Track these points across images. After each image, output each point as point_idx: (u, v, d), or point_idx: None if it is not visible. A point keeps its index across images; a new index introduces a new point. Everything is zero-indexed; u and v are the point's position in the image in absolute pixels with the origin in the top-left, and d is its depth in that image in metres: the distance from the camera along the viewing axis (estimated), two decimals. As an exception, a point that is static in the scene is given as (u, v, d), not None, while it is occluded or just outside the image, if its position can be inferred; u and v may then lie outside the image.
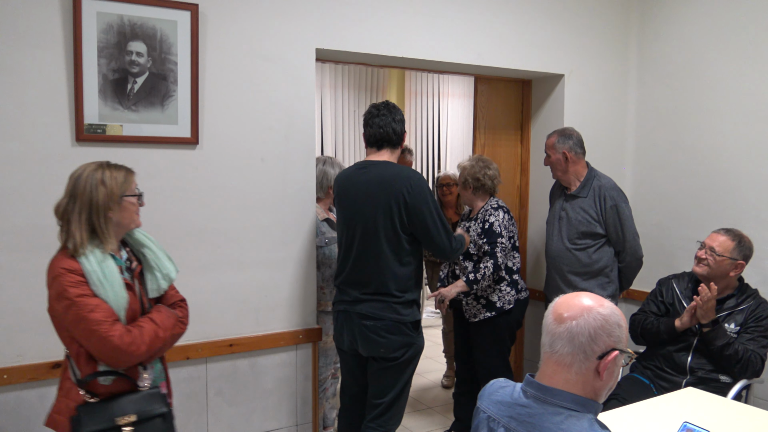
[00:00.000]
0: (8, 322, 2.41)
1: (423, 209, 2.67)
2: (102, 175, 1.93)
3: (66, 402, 1.93)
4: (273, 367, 2.97)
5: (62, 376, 1.99)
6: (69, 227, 1.90)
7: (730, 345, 2.73)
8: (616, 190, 3.22)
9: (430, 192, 2.72)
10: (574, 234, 3.23)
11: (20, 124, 2.39)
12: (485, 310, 3.34)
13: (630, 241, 3.21)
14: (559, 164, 3.26)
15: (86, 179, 1.92)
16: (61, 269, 1.87)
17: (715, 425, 2.18)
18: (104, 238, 1.93)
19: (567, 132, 3.28)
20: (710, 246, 2.89)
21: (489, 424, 1.58)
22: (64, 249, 1.92)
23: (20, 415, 2.45)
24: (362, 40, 3.07)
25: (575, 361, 1.46)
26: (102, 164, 1.98)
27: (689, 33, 3.68)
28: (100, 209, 1.91)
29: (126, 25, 2.53)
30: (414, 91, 7.85)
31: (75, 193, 1.92)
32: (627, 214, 3.19)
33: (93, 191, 1.91)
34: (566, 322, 1.47)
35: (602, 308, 1.48)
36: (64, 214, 1.92)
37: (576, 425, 1.43)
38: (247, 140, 2.83)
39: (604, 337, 1.46)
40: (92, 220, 1.91)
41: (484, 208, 3.40)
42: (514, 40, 3.54)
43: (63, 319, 1.90)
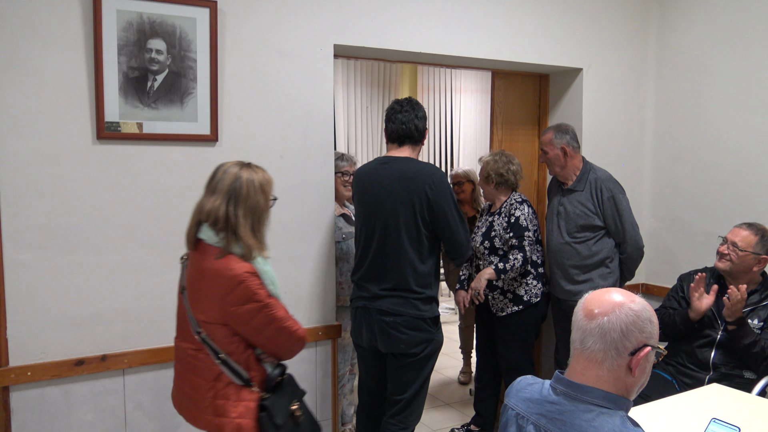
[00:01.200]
0: (32, 320, 2.42)
1: (445, 206, 2.67)
2: (259, 179, 1.99)
3: (244, 405, 1.93)
4: (292, 363, 2.93)
5: (215, 386, 1.94)
6: (237, 231, 1.91)
7: (757, 343, 2.70)
8: (612, 181, 3.23)
9: (450, 189, 2.73)
10: (573, 228, 3.24)
11: (41, 123, 2.40)
12: (512, 304, 3.33)
13: (629, 231, 3.21)
14: (558, 159, 3.26)
15: (247, 184, 1.95)
16: (246, 273, 1.88)
17: (741, 421, 2.16)
18: (262, 240, 1.97)
19: (563, 127, 3.29)
20: (732, 241, 2.86)
21: (518, 421, 1.57)
22: (230, 254, 1.91)
23: (43, 412, 2.47)
24: (380, 35, 3.06)
25: (607, 358, 1.44)
26: (250, 166, 2.02)
27: (709, 25, 3.63)
28: (263, 215, 1.97)
29: (146, 22, 2.53)
30: (427, 86, 7.83)
31: (237, 197, 1.93)
32: (624, 205, 3.20)
33: (257, 196, 1.96)
34: (597, 318, 1.46)
35: (633, 304, 1.47)
36: (227, 218, 1.91)
37: (608, 423, 1.41)
38: (266, 137, 2.83)
39: (636, 333, 1.45)
40: (254, 225, 1.95)
41: (509, 203, 3.39)
42: (532, 34, 3.52)
43: (248, 322, 1.91)
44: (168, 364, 2.64)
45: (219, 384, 1.94)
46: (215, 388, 1.94)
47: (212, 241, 1.95)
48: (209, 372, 1.95)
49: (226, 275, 1.89)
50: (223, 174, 1.98)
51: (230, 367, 1.94)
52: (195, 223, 2.01)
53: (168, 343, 2.64)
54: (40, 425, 2.46)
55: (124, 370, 2.59)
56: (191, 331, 1.99)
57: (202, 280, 1.94)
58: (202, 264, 1.95)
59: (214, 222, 1.93)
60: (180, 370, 2.09)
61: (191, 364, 2.00)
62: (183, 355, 2.05)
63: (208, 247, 1.96)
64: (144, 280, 2.60)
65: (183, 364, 2.05)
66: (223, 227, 1.92)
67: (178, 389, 2.11)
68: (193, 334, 1.98)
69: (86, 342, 2.51)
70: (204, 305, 1.95)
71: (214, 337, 1.95)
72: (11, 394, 2.41)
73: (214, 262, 1.91)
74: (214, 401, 1.93)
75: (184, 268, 2.09)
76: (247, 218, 1.93)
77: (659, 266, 3.94)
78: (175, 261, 2.62)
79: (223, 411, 1.92)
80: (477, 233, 3.48)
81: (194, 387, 1.98)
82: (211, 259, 1.92)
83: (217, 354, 1.94)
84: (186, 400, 2.03)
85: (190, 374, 2.00)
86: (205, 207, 1.96)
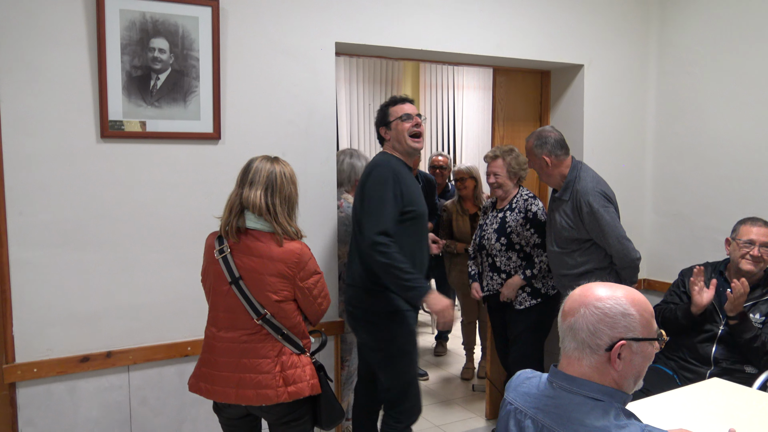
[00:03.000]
0: (37, 317, 2.45)
1: (368, 192, 2.64)
2: (289, 171, 2.23)
3: (309, 368, 2.22)
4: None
5: (280, 360, 2.17)
6: (277, 218, 2.15)
7: (758, 337, 2.71)
8: (593, 194, 2.93)
9: (384, 181, 2.63)
10: (559, 239, 3.11)
11: (46, 122, 2.43)
12: (530, 298, 3.33)
13: (615, 246, 2.92)
14: (542, 170, 3.09)
15: (280, 175, 2.18)
16: (308, 250, 2.20)
17: (741, 416, 2.17)
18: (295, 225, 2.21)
19: (544, 134, 3.05)
20: (762, 242, 2.82)
21: (516, 415, 1.58)
22: (287, 237, 2.16)
23: (49, 408, 2.49)
24: (381, 33, 3.07)
25: (584, 356, 1.47)
26: (278, 160, 2.24)
27: (710, 21, 3.64)
28: (294, 203, 2.22)
29: (148, 21, 2.55)
30: (429, 83, 7.83)
31: (273, 188, 2.16)
32: (606, 220, 2.90)
33: (290, 186, 2.20)
34: (567, 318, 1.49)
35: (600, 302, 1.45)
36: (268, 207, 2.14)
37: (602, 415, 1.43)
38: (268, 135, 2.85)
39: (606, 330, 1.44)
40: (289, 212, 2.20)
41: (522, 198, 3.40)
42: (534, 30, 3.53)
43: (312, 290, 2.22)
44: (172, 360, 2.67)
45: (284, 357, 2.17)
46: (282, 362, 2.16)
47: (266, 228, 2.15)
48: (271, 350, 2.16)
49: (296, 254, 2.15)
50: (257, 168, 2.19)
51: (291, 340, 2.19)
52: (237, 214, 2.16)
53: (172, 340, 2.67)
54: (46, 421, 2.49)
55: (129, 367, 2.62)
56: (245, 318, 2.15)
57: (270, 263, 2.13)
58: (268, 249, 2.13)
59: (259, 211, 2.13)
60: (223, 360, 2.18)
61: (244, 350, 2.16)
62: (228, 345, 2.18)
63: (262, 234, 2.15)
64: (148, 277, 2.62)
65: (228, 353, 2.17)
66: (267, 215, 2.14)
67: (218, 378, 2.18)
68: (252, 318, 2.14)
69: (91, 339, 2.54)
70: (277, 286, 2.14)
71: (282, 314, 2.17)
72: (18, 391, 2.43)
73: (285, 244, 2.14)
74: (285, 372, 2.16)
75: (227, 261, 2.16)
76: (283, 206, 2.16)
77: (661, 262, 3.95)
78: (179, 257, 2.66)
79: (298, 377, 2.17)
80: (487, 230, 3.45)
81: (250, 368, 2.15)
82: (273, 244, 2.14)
83: (280, 331, 2.16)
84: (233, 385, 2.16)
85: (242, 359, 2.15)
86: (249, 198, 2.14)
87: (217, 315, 2.22)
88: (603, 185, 3.02)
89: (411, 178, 2.77)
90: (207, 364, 2.23)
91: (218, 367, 2.19)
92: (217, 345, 2.20)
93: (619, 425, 1.41)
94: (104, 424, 2.58)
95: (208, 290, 2.28)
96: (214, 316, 2.24)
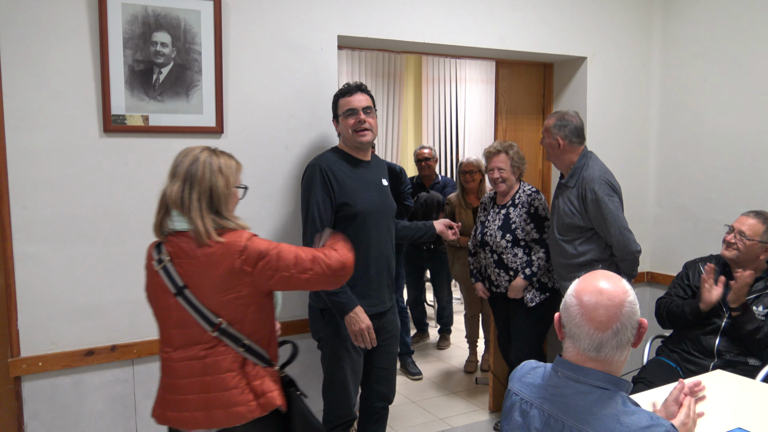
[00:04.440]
0: (42, 311, 2.46)
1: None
2: (220, 162, 1.91)
3: (274, 379, 1.96)
4: (300, 352, 2.99)
5: (245, 372, 1.91)
6: (190, 213, 1.85)
7: (760, 329, 2.71)
8: (599, 182, 2.95)
9: (307, 185, 2.62)
10: (561, 226, 3.10)
11: (48, 116, 2.43)
12: (540, 293, 3.33)
13: (616, 236, 2.94)
14: (552, 149, 3.10)
15: (203, 166, 1.87)
16: (249, 233, 1.91)
17: (744, 408, 2.18)
18: (227, 221, 1.90)
19: (566, 117, 3.07)
20: (740, 230, 2.85)
21: (522, 406, 1.59)
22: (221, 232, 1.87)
23: (55, 402, 2.50)
24: (384, 26, 3.06)
25: (624, 352, 1.50)
26: (215, 151, 1.94)
27: (714, 12, 3.62)
28: (222, 197, 1.89)
29: (150, 15, 2.54)
30: (431, 77, 7.82)
31: (192, 180, 1.86)
32: (610, 209, 2.92)
33: (214, 178, 1.87)
34: (610, 326, 1.46)
35: (626, 294, 1.49)
36: (183, 201, 1.86)
37: (609, 403, 1.44)
38: (271, 128, 2.85)
39: (636, 317, 1.50)
40: (212, 207, 1.88)
41: (525, 193, 3.40)
42: (536, 22, 3.51)
43: (278, 269, 1.90)
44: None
45: (248, 369, 1.92)
46: (246, 374, 1.92)
47: (189, 227, 1.87)
48: (233, 363, 1.90)
49: (237, 242, 1.86)
50: (183, 158, 1.91)
51: (253, 351, 1.94)
52: (161, 211, 1.92)
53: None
54: (51, 414, 2.50)
55: (134, 360, 2.63)
56: (199, 332, 1.89)
57: (213, 262, 1.85)
58: (204, 251, 1.85)
59: (175, 206, 1.87)
60: (184, 382, 1.91)
61: (204, 366, 1.90)
62: (187, 363, 1.92)
63: (188, 235, 1.87)
64: (152, 271, 2.63)
65: (188, 373, 1.91)
66: (181, 209, 1.87)
67: (183, 403, 1.92)
68: (207, 331, 1.88)
69: (96, 332, 2.55)
70: (228, 284, 1.87)
71: (240, 318, 1.90)
72: (23, 384, 2.45)
73: (224, 236, 1.86)
74: (251, 384, 1.91)
75: (167, 270, 1.89)
76: (201, 201, 1.86)
77: (664, 255, 3.94)
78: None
79: (267, 387, 1.93)
80: (490, 227, 3.44)
81: (215, 386, 1.89)
82: (206, 245, 1.85)
83: (241, 342, 1.91)
84: (201, 407, 1.90)
85: (205, 377, 1.90)
86: (166, 192, 1.89)
87: (168, 333, 1.94)
88: (609, 175, 3.04)
89: (355, 174, 2.67)
90: (169, 390, 1.95)
91: (181, 390, 1.91)
92: (175, 366, 1.92)
93: (627, 411, 1.43)
94: (109, 417, 2.60)
95: (154, 307, 1.99)
96: (165, 335, 1.95)
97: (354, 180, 2.65)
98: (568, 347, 1.53)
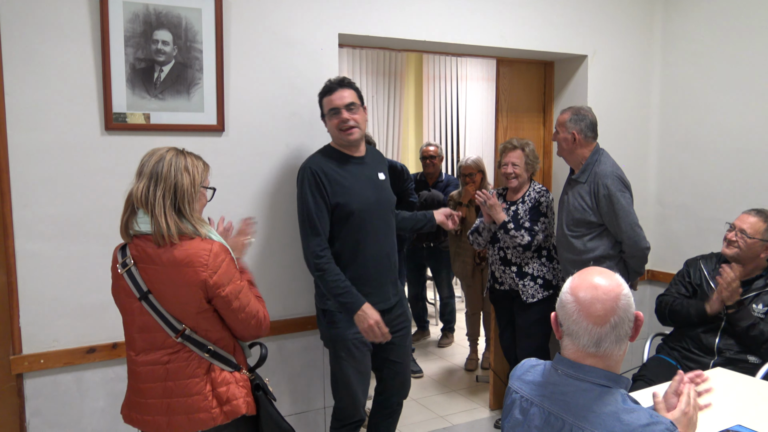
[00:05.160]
0: (44, 309, 2.47)
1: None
2: (186, 162, 1.89)
3: (243, 385, 1.96)
4: (301, 350, 3.01)
5: (210, 378, 1.91)
6: (154, 211, 1.83)
7: (756, 326, 2.71)
8: (611, 177, 2.98)
9: (300, 188, 2.62)
10: (570, 220, 3.11)
11: (50, 115, 2.43)
12: (543, 290, 3.33)
13: (627, 232, 2.97)
14: (566, 144, 3.10)
15: (169, 164, 1.85)
16: (223, 252, 1.89)
17: (744, 405, 2.18)
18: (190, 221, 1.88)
19: (582, 112, 3.10)
20: (740, 228, 2.85)
21: (522, 404, 1.60)
22: (184, 237, 1.86)
23: (56, 399, 2.51)
24: (384, 24, 3.06)
25: (623, 346, 1.51)
26: (182, 151, 1.93)
27: (715, 11, 3.62)
28: (186, 196, 1.86)
29: (151, 14, 2.55)
30: (432, 75, 7.81)
31: (157, 178, 1.84)
32: (622, 204, 2.96)
33: (178, 176, 1.86)
34: (608, 320, 1.47)
35: (621, 287, 1.50)
36: (147, 199, 1.84)
37: (609, 401, 1.45)
38: (272, 126, 2.85)
39: (633, 309, 1.51)
40: (176, 206, 1.85)
41: (535, 191, 3.40)
42: (537, 20, 3.51)
43: (231, 303, 1.91)
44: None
45: (213, 374, 1.91)
46: (211, 380, 1.91)
47: (152, 229, 1.85)
48: (197, 369, 1.89)
49: (204, 255, 1.84)
50: (149, 158, 1.89)
51: (219, 356, 1.92)
52: (127, 211, 1.90)
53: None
54: (53, 411, 2.51)
55: (135, 358, 2.63)
56: (162, 336, 1.88)
57: (176, 270, 1.83)
58: (170, 253, 1.83)
59: (139, 204, 1.86)
60: (147, 386, 1.91)
61: (167, 371, 1.89)
62: (150, 368, 1.90)
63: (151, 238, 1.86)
64: (153, 269, 2.63)
65: (151, 377, 1.90)
66: (146, 208, 1.85)
67: (145, 406, 1.92)
68: (170, 336, 1.87)
69: (97, 330, 2.55)
70: (192, 296, 1.85)
71: (205, 326, 1.90)
72: (25, 382, 2.46)
73: (192, 243, 1.84)
74: (216, 391, 1.90)
75: (131, 274, 1.88)
76: (166, 198, 1.83)
77: (665, 252, 3.95)
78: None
79: (232, 395, 1.92)
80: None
81: (177, 392, 1.88)
82: (175, 247, 1.83)
83: (205, 347, 1.89)
84: (163, 412, 1.90)
85: (167, 382, 1.89)
86: (133, 191, 1.87)
87: (131, 336, 1.93)
88: (621, 172, 3.07)
89: (347, 171, 2.65)
90: (134, 393, 1.95)
91: (143, 394, 1.91)
92: (138, 370, 1.91)
93: (627, 409, 1.44)
94: (110, 414, 2.60)
95: (120, 310, 1.98)
96: (129, 337, 1.95)
97: (347, 178, 2.63)
98: (567, 345, 1.54)
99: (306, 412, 3.06)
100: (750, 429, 1.97)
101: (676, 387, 1.79)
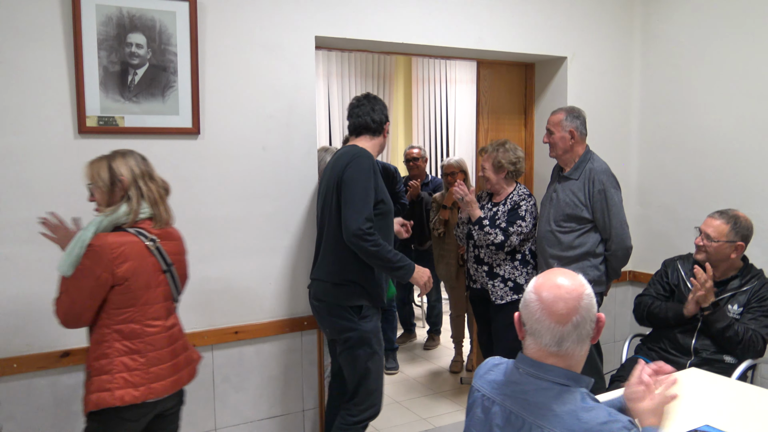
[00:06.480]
0: (16, 313, 2.46)
1: (351, 181, 2.61)
2: None
3: None
4: (279, 353, 3.01)
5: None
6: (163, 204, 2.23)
7: (731, 327, 2.72)
8: (606, 174, 3.10)
9: (367, 169, 2.64)
10: (560, 216, 3.15)
11: (23, 118, 2.43)
12: (512, 293, 3.33)
13: (617, 228, 3.07)
14: (564, 142, 3.14)
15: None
16: None
17: (715, 405, 2.19)
18: None
19: (575, 111, 3.18)
20: (705, 233, 2.86)
21: (483, 402, 1.60)
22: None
23: (30, 404, 2.50)
24: (362, 26, 3.07)
25: (585, 346, 1.51)
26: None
27: (694, 12, 3.63)
28: None
29: (125, 17, 2.55)
30: (421, 78, 7.82)
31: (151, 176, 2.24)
32: (615, 201, 3.07)
33: None
34: (570, 319, 1.47)
35: (584, 287, 1.51)
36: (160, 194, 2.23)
37: (568, 399, 1.45)
38: (249, 129, 2.85)
39: (594, 309, 1.51)
40: None
41: (517, 194, 3.39)
42: (516, 23, 3.52)
43: None
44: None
45: None
46: None
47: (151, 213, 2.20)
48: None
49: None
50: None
51: None
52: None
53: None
54: (27, 416, 2.50)
55: (110, 361, 2.62)
56: (172, 304, 2.22)
57: (182, 244, 2.29)
58: (176, 232, 2.27)
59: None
60: (173, 347, 2.18)
61: (180, 331, 2.24)
62: (176, 330, 2.22)
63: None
64: (128, 273, 2.62)
65: (178, 336, 2.22)
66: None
67: (176, 365, 2.18)
68: (174, 302, 2.24)
69: (71, 334, 2.52)
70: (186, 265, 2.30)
71: None
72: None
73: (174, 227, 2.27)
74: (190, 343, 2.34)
75: (159, 249, 2.13)
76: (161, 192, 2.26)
77: (646, 253, 3.96)
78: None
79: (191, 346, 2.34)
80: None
81: (186, 347, 2.27)
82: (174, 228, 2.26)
83: None
84: (184, 366, 2.22)
85: (180, 340, 2.22)
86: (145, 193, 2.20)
87: (158, 307, 2.13)
88: (611, 171, 3.19)
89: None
90: (165, 359, 2.13)
91: (175, 353, 2.18)
92: (171, 333, 2.18)
93: (586, 407, 1.43)
94: (86, 418, 2.59)
95: (137, 291, 2.08)
96: (155, 309, 2.12)
97: (383, 181, 2.77)
98: (530, 344, 1.54)
99: (285, 415, 3.05)
100: (718, 429, 1.98)
101: (639, 375, 1.72)
